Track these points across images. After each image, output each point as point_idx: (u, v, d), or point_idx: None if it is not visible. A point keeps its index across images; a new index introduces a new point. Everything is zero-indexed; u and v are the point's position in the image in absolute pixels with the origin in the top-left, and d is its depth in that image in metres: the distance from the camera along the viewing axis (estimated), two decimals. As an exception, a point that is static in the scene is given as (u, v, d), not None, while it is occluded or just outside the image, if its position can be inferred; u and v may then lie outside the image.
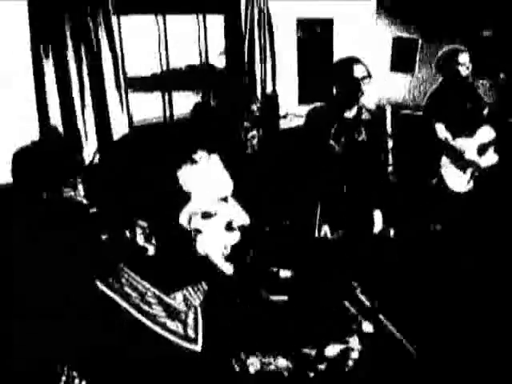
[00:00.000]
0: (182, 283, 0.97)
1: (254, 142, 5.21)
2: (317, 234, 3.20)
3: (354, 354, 1.24)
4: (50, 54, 3.93)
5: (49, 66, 3.93)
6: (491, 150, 4.28)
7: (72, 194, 3.76)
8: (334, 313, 1.24)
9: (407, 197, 3.96)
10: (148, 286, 0.97)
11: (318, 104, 3.75)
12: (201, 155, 0.82)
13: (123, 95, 4.42)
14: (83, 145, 4.23)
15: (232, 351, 1.12)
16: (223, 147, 4.52)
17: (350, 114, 3.46)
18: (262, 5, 5.27)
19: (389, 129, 3.45)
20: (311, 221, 3.22)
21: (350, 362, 1.23)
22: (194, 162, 0.82)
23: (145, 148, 4.37)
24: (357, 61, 3.43)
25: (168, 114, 5.05)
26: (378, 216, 3.44)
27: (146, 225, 0.81)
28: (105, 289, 0.96)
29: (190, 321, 1.04)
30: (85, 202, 3.80)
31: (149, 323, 0.97)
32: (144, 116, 5.02)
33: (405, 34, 6.54)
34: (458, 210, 4.24)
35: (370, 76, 3.39)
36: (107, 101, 4.32)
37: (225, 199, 0.85)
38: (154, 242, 0.84)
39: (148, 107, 5.01)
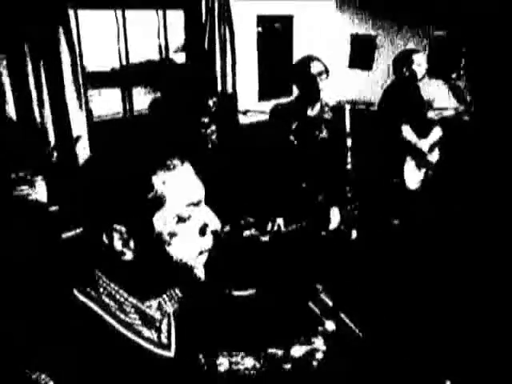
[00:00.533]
0: (157, 290, 1.00)
1: (213, 137, 5.21)
2: (270, 227, 3.27)
3: (319, 355, 1.30)
4: (6, 48, 3.85)
5: (3, 61, 3.85)
6: (437, 148, 4.48)
7: (28, 191, 3.71)
8: (300, 314, 1.30)
9: (367, 194, 4.06)
10: (125, 295, 0.99)
11: (281, 101, 3.83)
12: (174, 161, 0.85)
13: (82, 91, 4.36)
14: (40, 141, 4.16)
15: (202, 352, 1.16)
16: (183, 143, 4.53)
17: (312, 112, 3.53)
18: (222, 0, 5.28)
19: (348, 127, 3.54)
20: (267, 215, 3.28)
21: (315, 363, 1.28)
22: (168, 167, 0.85)
23: (113, 148, 4.32)
24: (313, 58, 3.52)
25: (127, 109, 5.01)
26: (335, 213, 3.51)
27: (123, 229, 0.83)
28: (83, 298, 0.98)
29: (164, 327, 1.07)
30: (43, 200, 3.75)
31: (125, 331, 0.99)
32: (103, 112, 4.97)
33: (362, 31, 6.66)
34: (414, 206, 4.40)
35: (326, 71, 3.48)
36: (66, 97, 4.25)
37: (197, 204, 0.88)
38: (131, 246, 0.86)
39: (107, 103, 4.94)
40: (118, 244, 0.97)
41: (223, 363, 1.31)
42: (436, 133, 4.45)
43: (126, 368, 0.96)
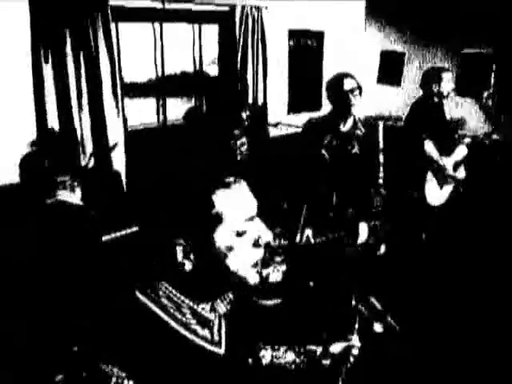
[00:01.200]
0: (211, 295, 1.09)
1: (244, 148, 5.31)
2: (298, 238, 3.35)
3: (355, 351, 1.39)
4: (50, 58, 4.02)
5: (48, 70, 4.02)
6: (462, 166, 4.52)
7: (68, 196, 3.84)
8: (339, 313, 1.39)
9: (394, 208, 4.13)
10: (183, 298, 1.09)
11: (311, 115, 3.93)
12: (231, 178, 0.93)
13: (119, 100, 4.51)
14: (79, 148, 4.32)
15: (248, 347, 1.26)
16: (215, 154, 4.65)
17: (344, 127, 3.62)
18: (255, 15, 5.41)
19: (381, 144, 3.61)
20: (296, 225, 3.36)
21: (352, 358, 1.38)
22: (226, 185, 0.93)
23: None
24: (347, 75, 3.61)
25: (162, 119, 5.15)
26: (363, 227, 3.57)
27: (185, 243, 0.92)
28: (144, 299, 1.08)
29: (216, 327, 1.16)
30: (81, 203, 3.88)
31: (182, 330, 1.09)
32: (137, 121, 5.12)
33: (392, 47, 6.73)
34: (437, 221, 4.44)
35: (359, 88, 3.57)
36: (104, 105, 4.41)
37: (252, 218, 0.95)
38: (192, 258, 0.95)
39: (142, 113, 5.10)
40: (179, 256, 1.07)
41: (266, 357, 1.40)
42: (461, 151, 4.49)
43: (182, 362, 1.05)
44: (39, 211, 3.48)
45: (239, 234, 1.10)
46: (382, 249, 3.60)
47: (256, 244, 1.14)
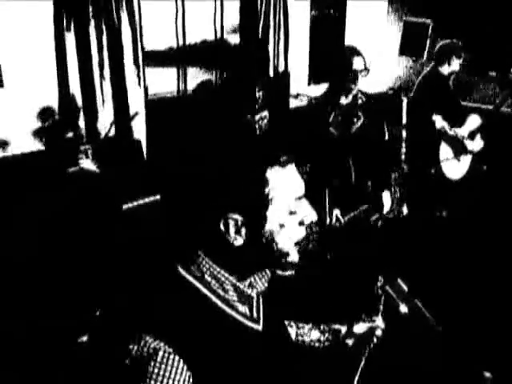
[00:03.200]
0: (253, 271, 1.13)
1: (264, 123, 5.28)
2: (328, 220, 3.36)
3: (378, 332, 1.42)
4: (72, 26, 4.01)
5: (70, 39, 4.02)
6: (478, 136, 4.48)
7: (90, 164, 3.89)
8: (364, 294, 1.41)
9: (414, 184, 4.10)
10: (226, 275, 1.12)
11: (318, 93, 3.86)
12: (285, 157, 0.94)
13: (140, 69, 4.50)
14: (100, 116, 4.34)
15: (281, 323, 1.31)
16: (234, 128, 4.63)
17: (345, 100, 3.56)
18: (277, -17, 5.32)
19: (404, 119, 3.57)
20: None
21: (375, 339, 1.41)
22: (281, 164, 0.95)
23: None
24: (356, 53, 3.51)
25: (182, 89, 5.14)
26: (386, 196, 3.56)
27: (239, 219, 0.94)
28: (187, 275, 1.11)
29: (255, 304, 1.20)
30: (103, 172, 3.93)
31: (224, 307, 1.12)
32: (157, 90, 5.11)
33: (416, 18, 6.58)
34: (458, 197, 4.41)
35: (366, 69, 3.49)
36: (125, 74, 4.41)
37: (300, 198, 0.97)
38: (243, 233, 0.97)
39: (162, 82, 5.09)
40: (232, 231, 1.10)
41: (291, 334, 1.44)
42: (474, 120, 4.46)
43: (224, 338, 1.08)
44: (62, 179, 3.53)
45: (291, 213, 1.14)
46: (405, 210, 3.58)
47: (302, 223, 1.17)
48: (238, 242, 1.10)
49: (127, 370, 1.01)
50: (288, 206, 1.13)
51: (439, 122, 4.32)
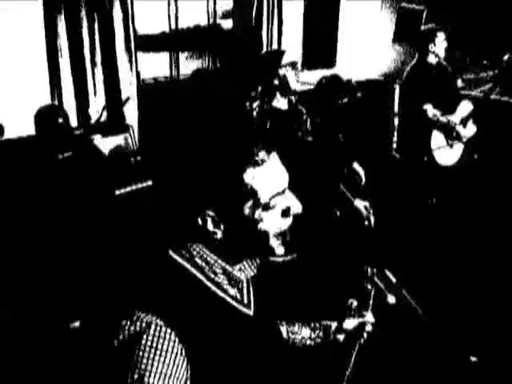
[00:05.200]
0: (240, 258, 1.14)
1: (257, 111, 5.24)
2: (325, 213, 3.34)
3: (369, 327, 1.44)
4: (63, 10, 3.97)
5: (61, 23, 3.98)
6: (470, 122, 4.49)
7: (82, 149, 3.86)
8: (353, 290, 1.42)
9: (406, 173, 4.12)
10: (215, 257, 1.14)
11: (324, 72, 3.85)
12: (263, 155, 0.93)
13: (132, 53, 4.47)
14: (92, 101, 4.31)
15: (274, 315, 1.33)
16: (230, 116, 4.61)
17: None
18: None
19: (396, 108, 3.58)
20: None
21: (365, 334, 1.43)
22: (257, 163, 0.93)
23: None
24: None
25: (174, 74, 5.11)
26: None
27: (214, 214, 0.95)
28: (178, 258, 1.13)
29: (245, 289, 1.21)
30: (95, 157, 3.91)
31: (214, 288, 1.14)
32: (149, 75, 5.08)
33: (410, 5, 6.55)
34: (450, 184, 4.43)
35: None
36: (117, 58, 4.37)
37: (283, 192, 0.96)
38: (222, 227, 0.98)
39: (155, 67, 5.06)
40: (210, 226, 1.11)
41: (282, 332, 1.46)
42: (465, 106, 4.47)
43: (215, 318, 1.10)
44: (54, 164, 3.51)
45: (269, 208, 1.13)
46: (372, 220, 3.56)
47: (285, 213, 1.16)
48: (218, 235, 1.11)
49: (120, 345, 1.03)
50: (265, 200, 1.12)
51: (430, 110, 4.32)
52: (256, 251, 1.17)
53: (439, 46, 4.40)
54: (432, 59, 4.46)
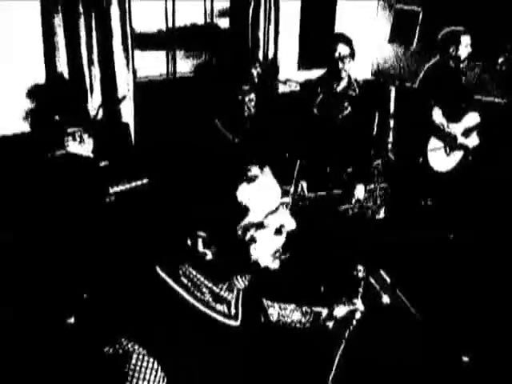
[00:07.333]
0: (229, 277, 1.15)
1: (252, 104, 5.26)
2: (293, 189, 3.40)
3: (358, 315, 1.46)
4: (60, 7, 3.96)
5: (58, 20, 3.97)
6: (475, 133, 4.45)
7: (78, 147, 3.85)
8: (344, 277, 1.45)
9: (400, 174, 4.12)
10: (202, 278, 1.14)
11: (320, 72, 3.92)
12: (254, 170, 0.93)
13: (129, 51, 4.46)
14: (88, 99, 4.30)
15: (259, 305, 1.34)
16: (223, 109, 4.61)
17: (338, 87, 3.64)
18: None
19: (392, 108, 3.60)
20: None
21: (354, 322, 1.45)
22: (250, 179, 0.93)
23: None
24: (342, 40, 3.58)
25: (171, 72, 5.10)
26: (359, 189, 3.60)
27: (205, 235, 0.95)
28: (163, 275, 1.13)
29: (233, 300, 1.21)
30: (90, 155, 3.90)
31: (200, 306, 1.14)
32: (146, 73, 5.07)
33: (407, 6, 6.57)
34: (443, 188, 4.43)
35: (352, 55, 3.56)
36: (114, 56, 4.37)
37: (276, 210, 0.97)
38: (213, 248, 0.98)
39: (151, 65, 5.06)
40: (200, 247, 1.11)
41: (273, 314, 1.47)
42: (472, 118, 4.41)
43: (201, 337, 1.11)
44: (48, 162, 3.51)
45: (262, 227, 1.12)
46: (382, 213, 3.63)
47: (278, 232, 1.16)
48: (208, 256, 1.11)
49: (103, 371, 1.03)
50: (257, 221, 1.12)
51: (439, 118, 4.22)
52: (247, 270, 1.18)
53: (462, 50, 4.17)
54: (452, 64, 4.24)
